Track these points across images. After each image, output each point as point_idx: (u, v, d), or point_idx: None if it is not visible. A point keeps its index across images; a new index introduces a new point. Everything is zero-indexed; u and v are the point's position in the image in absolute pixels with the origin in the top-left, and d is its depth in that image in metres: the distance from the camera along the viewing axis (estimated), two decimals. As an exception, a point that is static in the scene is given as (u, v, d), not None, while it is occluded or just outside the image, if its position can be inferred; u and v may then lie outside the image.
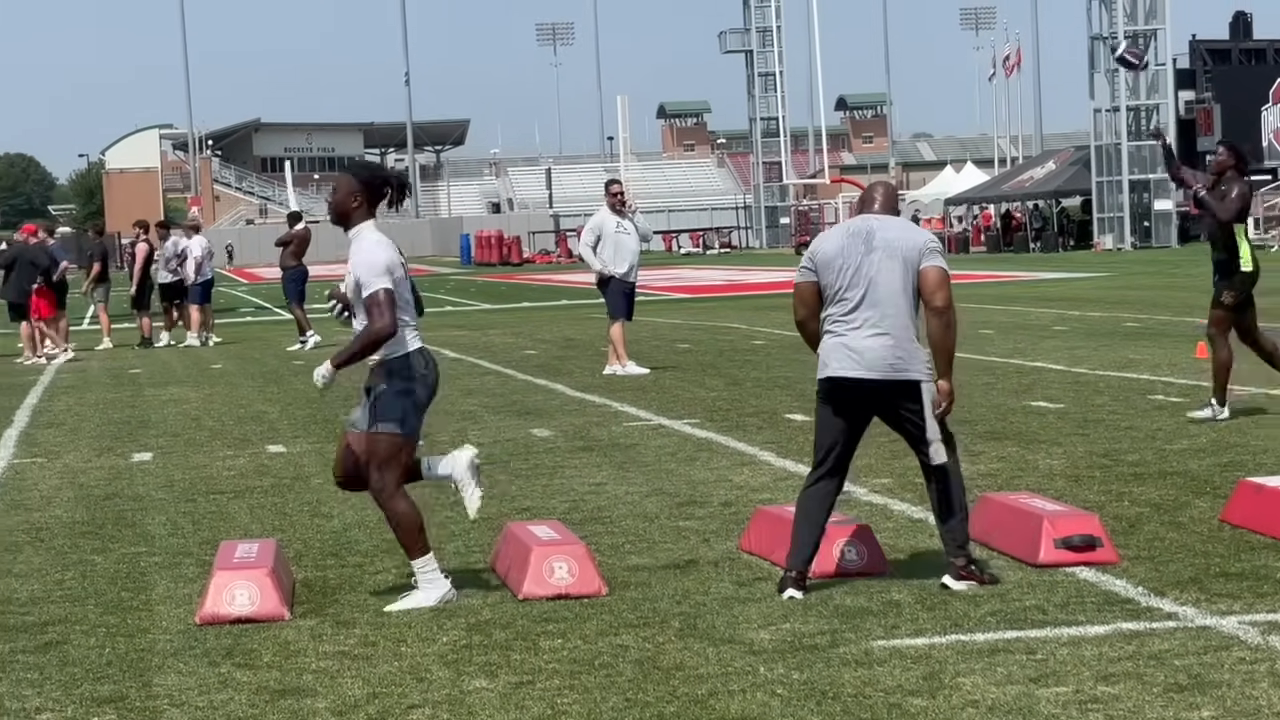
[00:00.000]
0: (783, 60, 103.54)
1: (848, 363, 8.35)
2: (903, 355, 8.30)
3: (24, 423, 17.92)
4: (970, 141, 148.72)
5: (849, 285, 8.37)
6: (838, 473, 8.53)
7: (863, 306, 8.34)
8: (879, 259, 8.32)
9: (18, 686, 7.21)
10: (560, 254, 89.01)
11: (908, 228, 8.54)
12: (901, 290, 8.31)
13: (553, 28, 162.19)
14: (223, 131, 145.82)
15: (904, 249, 8.33)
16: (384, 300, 8.45)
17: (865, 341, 8.31)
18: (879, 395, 8.35)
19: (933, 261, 8.32)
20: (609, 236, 20.26)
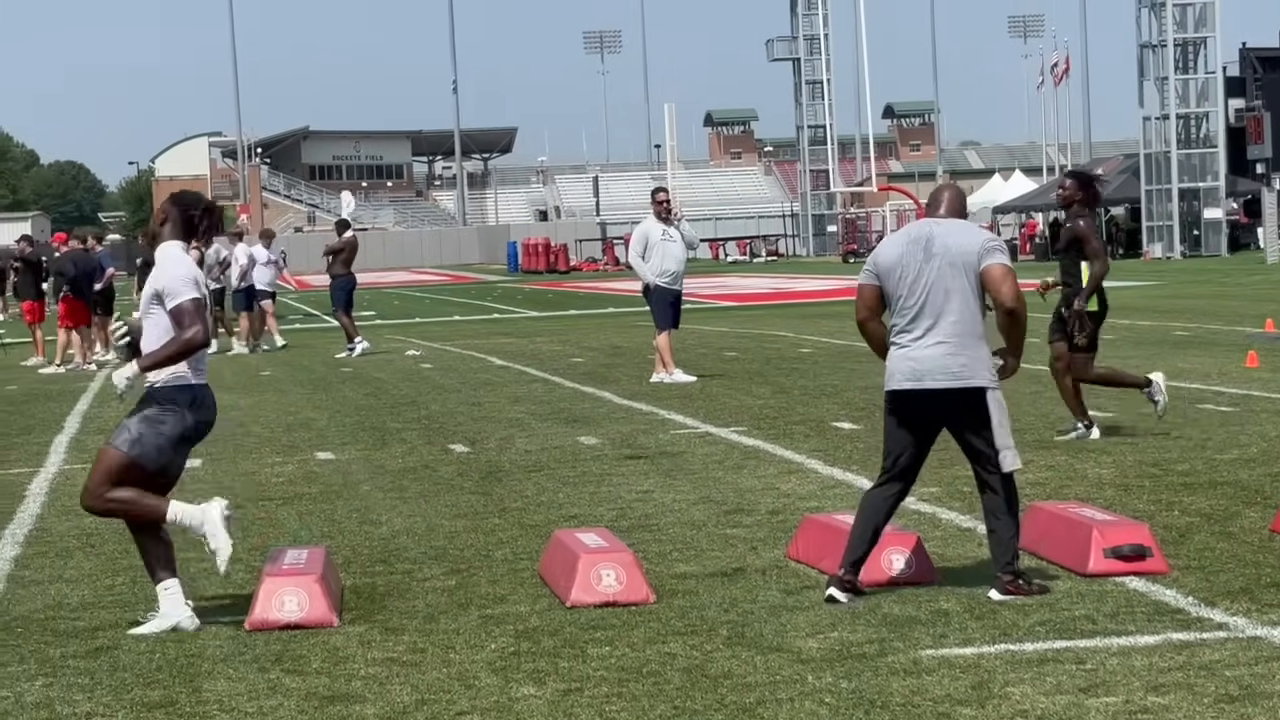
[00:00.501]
0: (830, 68, 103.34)
1: (912, 375, 8.36)
2: (966, 362, 8.29)
3: (75, 429, 18.01)
4: (1018, 149, 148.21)
5: (909, 293, 8.37)
6: (903, 479, 8.54)
7: (924, 315, 8.34)
8: (938, 265, 8.32)
9: (69, 691, 7.25)
10: (607, 262, 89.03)
11: (967, 230, 8.50)
12: (962, 295, 8.30)
13: (600, 36, 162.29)
14: (271, 139, 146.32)
15: (963, 253, 8.32)
16: (192, 309, 8.45)
17: (926, 351, 8.32)
18: (943, 403, 8.35)
19: (994, 259, 8.31)
20: (655, 244, 20.28)
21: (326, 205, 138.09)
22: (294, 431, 16.78)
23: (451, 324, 39.03)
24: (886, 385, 8.52)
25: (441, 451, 14.71)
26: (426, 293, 62.68)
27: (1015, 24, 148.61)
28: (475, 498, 12.13)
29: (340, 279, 28.53)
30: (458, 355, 27.04)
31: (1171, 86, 69.52)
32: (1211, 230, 70.09)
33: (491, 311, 45.26)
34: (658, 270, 20.26)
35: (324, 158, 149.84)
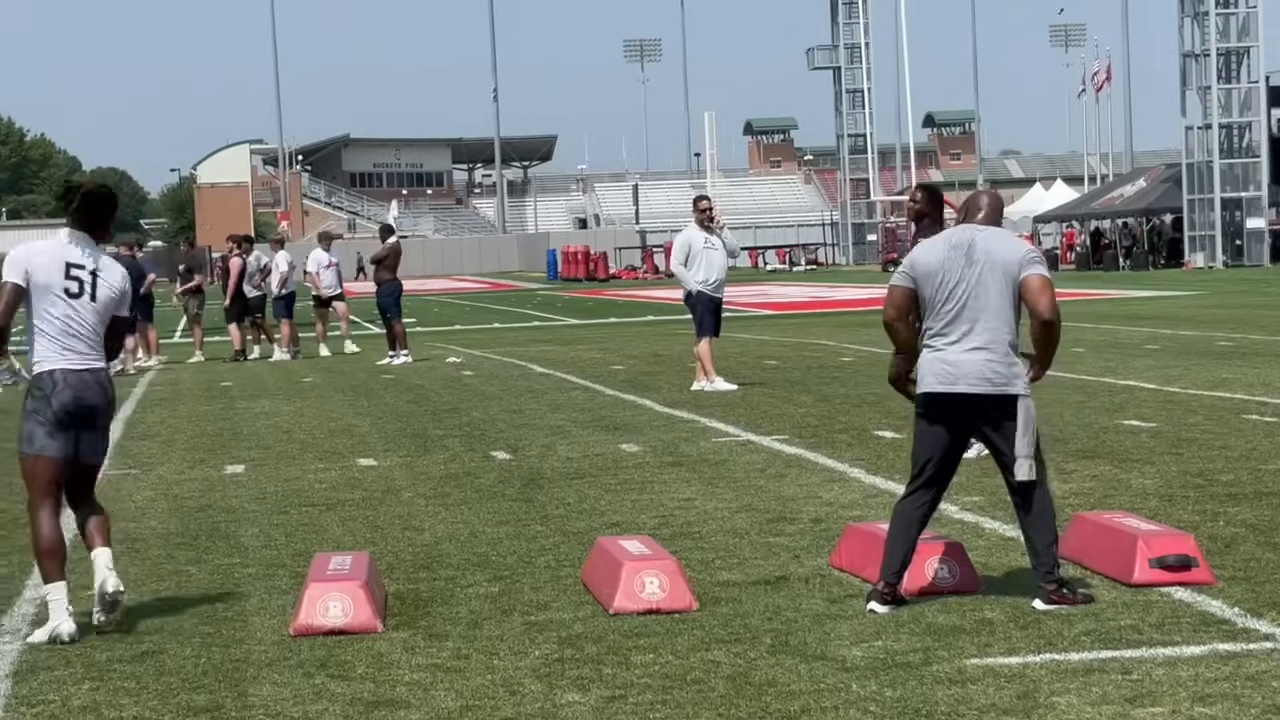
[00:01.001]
0: (871, 77, 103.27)
1: (946, 378, 8.36)
2: (1001, 370, 8.29)
3: (118, 434, 18.06)
4: (1059, 159, 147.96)
5: (948, 298, 8.37)
6: (934, 486, 8.53)
7: (961, 320, 8.35)
8: (979, 272, 8.32)
9: (115, 695, 7.28)
10: (646, 270, 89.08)
11: (1008, 239, 8.50)
12: (1001, 303, 8.31)
13: (640, 44, 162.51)
14: (312, 147, 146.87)
15: (1004, 261, 8.32)
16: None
17: (963, 355, 8.32)
18: (977, 409, 8.34)
19: (1033, 270, 8.31)
20: (698, 252, 20.29)
21: (367, 212, 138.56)
22: (336, 438, 16.82)
23: (491, 331, 39.09)
24: (919, 388, 8.52)
25: (483, 458, 14.74)
26: (466, 300, 62.80)
27: (1057, 33, 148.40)
28: (517, 505, 12.15)
29: (387, 284, 28.49)
30: (498, 362, 27.08)
31: (1214, 96, 69.26)
32: (1254, 240, 69.80)
33: (531, 319, 45.32)
34: (700, 278, 20.26)
35: (365, 165, 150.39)
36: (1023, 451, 8.30)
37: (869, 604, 8.34)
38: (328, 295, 30.91)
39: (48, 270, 8.58)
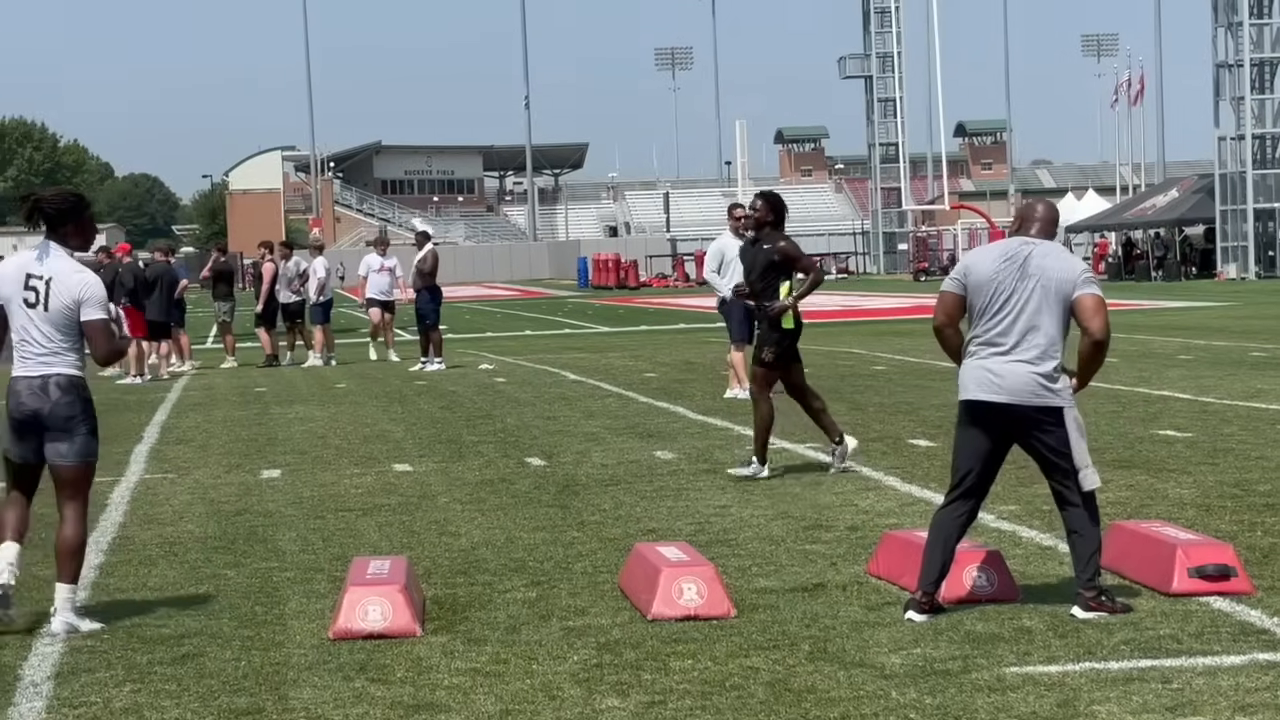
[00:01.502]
0: (902, 86, 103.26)
1: (989, 387, 8.36)
2: (1045, 382, 8.29)
3: (154, 439, 18.16)
4: (1091, 169, 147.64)
5: (999, 310, 8.37)
6: (973, 496, 8.53)
7: (1011, 332, 8.35)
8: (1032, 286, 8.33)
9: (157, 698, 7.32)
10: (677, 278, 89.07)
11: (1064, 256, 8.49)
12: (1051, 320, 8.31)
13: (672, 52, 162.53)
14: (344, 154, 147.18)
15: (1058, 279, 8.33)
16: None
17: (1008, 366, 8.32)
18: (1019, 421, 8.35)
19: (1088, 290, 8.31)
20: (731, 260, 20.28)
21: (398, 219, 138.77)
22: (371, 443, 16.86)
23: (523, 339, 39.14)
24: (960, 395, 8.52)
25: (518, 465, 14.77)
26: (498, 307, 62.88)
27: (1089, 43, 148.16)
28: (553, 511, 12.17)
29: (427, 291, 28.37)
30: (531, 369, 27.11)
31: (1248, 106, 69.04)
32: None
33: (563, 326, 45.35)
34: (732, 285, 20.23)
35: (396, 172, 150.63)
36: (1080, 461, 8.31)
37: (907, 613, 8.35)
38: (380, 299, 30.57)
39: (12, 282, 8.82)
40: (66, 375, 8.73)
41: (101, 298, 8.81)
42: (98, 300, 8.78)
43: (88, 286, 8.78)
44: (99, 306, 8.77)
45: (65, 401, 8.74)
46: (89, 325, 8.73)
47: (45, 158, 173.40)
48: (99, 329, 8.78)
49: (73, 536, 8.79)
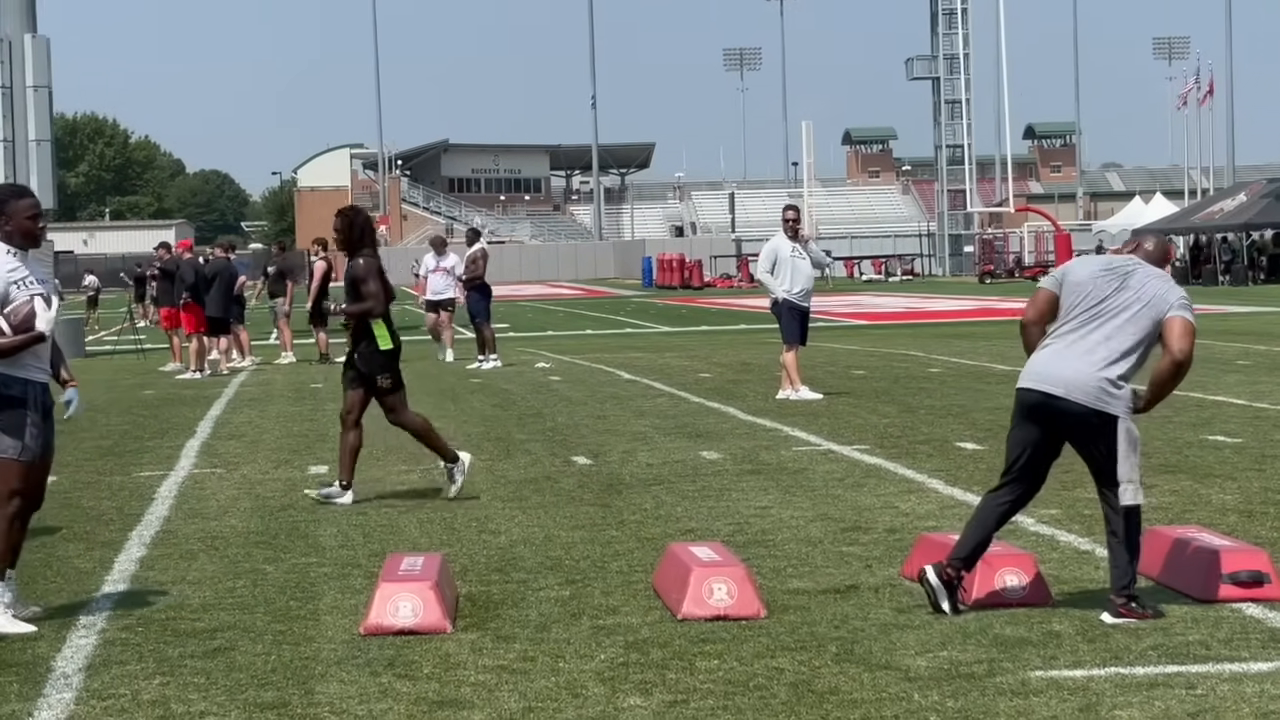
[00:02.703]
0: (970, 87, 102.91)
1: (1047, 378, 8.38)
2: (1108, 389, 8.27)
3: (206, 434, 18.28)
4: (1161, 172, 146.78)
5: (1085, 312, 8.41)
6: (1020, 485, 8.56)
7: (1092, 333, 8.37)
8: (1128, 299, 8.35)
9: (184, 690, 7.38)
10: (741, 278, 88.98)
11: (1166, 281, 8.46)
12: (1134, 334, 8.30)
13: (740, 53, 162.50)
14: (412, 152, 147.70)
15: (1157, 299, 8.35)
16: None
17: (1076, 363, 8.32)
18: (1070, 418, 8.33)
19: (1182, 313, 8.33)
20: (784, 261, 20.31)
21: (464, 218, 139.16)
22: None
23: (583, 338, 39.20)
24: (1023, 382, 8.51)
25: (564, 463, 14.80)
26: (561, 306, 62.99)
27: (1160, 45, 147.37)
28: (594, 509, 12.19)
29: (477, 289, 28.49)
30: (586, 368, 27.16)
31: (1317, 110, 68.49)
32: (1356, 256, 68.90)
33: (624, 326, 45.40)
34: (786, 287, 20.27)
35: (463, 171, 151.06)
36: (1125, 475, 8.28)
37: (926, 569, 8.40)
38: (435, 299, 30.45)
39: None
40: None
41: None
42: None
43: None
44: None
45: None
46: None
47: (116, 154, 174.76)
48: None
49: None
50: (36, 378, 8.70)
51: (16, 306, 8.67)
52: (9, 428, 8.60)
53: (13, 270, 8.72)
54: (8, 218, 8.79)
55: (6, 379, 8.60)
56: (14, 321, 8.64)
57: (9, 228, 8.79)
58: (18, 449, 8.61)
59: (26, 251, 8.84)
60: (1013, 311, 47.41)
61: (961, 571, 8.46)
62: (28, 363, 8.67)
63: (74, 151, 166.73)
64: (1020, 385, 8.56)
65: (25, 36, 36.41)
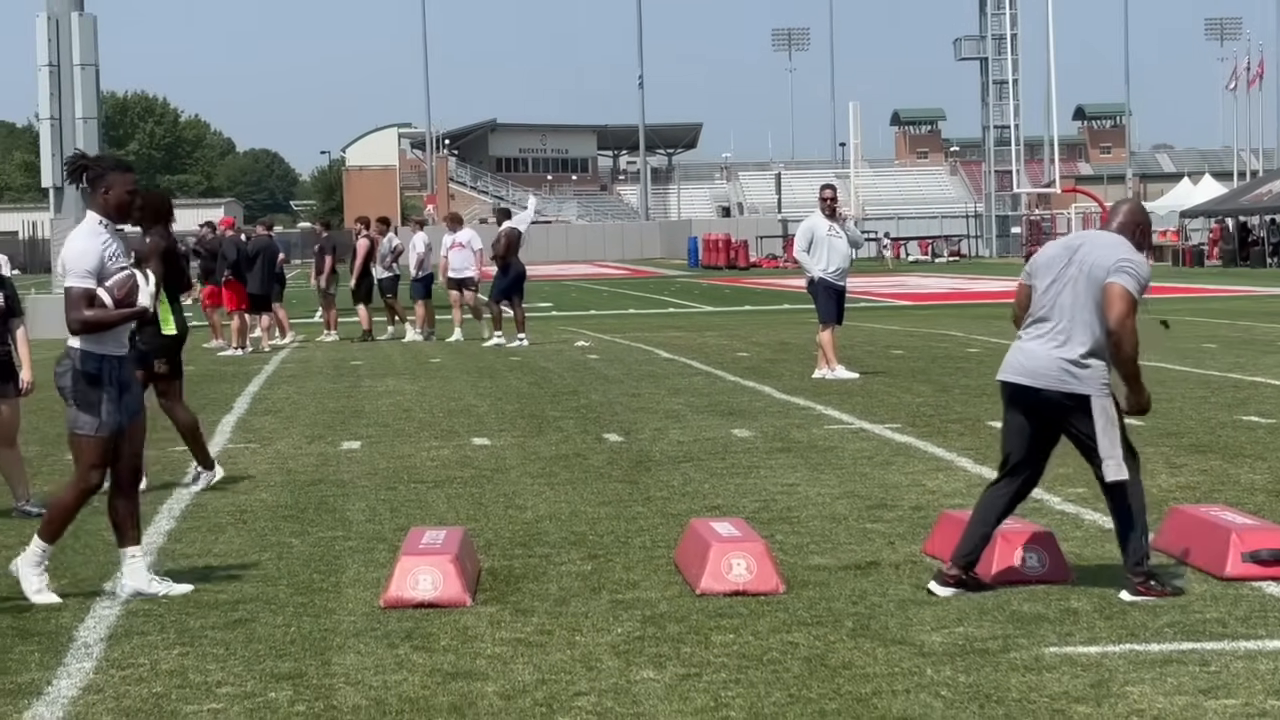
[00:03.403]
0: (1018, 68, 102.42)
1: (1018, 369, 8.42)
2: (1073, 369, 8.25)
3: (243, 409, 18.38)
4: (1212, 154, 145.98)
5: (1044, 294, 8.40)
6: (1017, 476, 8.53)
7: (1050, 318, 8.38)
8: (1073, 273, 8.32)
9: (203, 660, 7.44)
10: (787, 259, 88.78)
11: (1112, 245, 8.40)
12: (1086, 306, 8.26)
13: (788, 33, 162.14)
14: (459, 131, 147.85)
15: (1096, 266, 8.28)
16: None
17: (1039, 349, 8.35)
18: (1048, 405, 8.33)
19: (1114, 278, 8.23)
20: (821, 240, 20.29)
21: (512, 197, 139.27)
22: (454, 417, 16.98)
23: (625, 317, 39.20)
24: (1000, 375, 8.57)
25: (595, 440, 14.83)
26: (606, 285, 63.00)
27: (1212, 26, 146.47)
28: (622, 486, 12.22)
29: (501, 270, 28.26)
30: (625, 347, 27.18)
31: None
32: (1406, 238, 68.40)
33: (667, 305, 45.40)
34: (823, 266, 20.26)
35: (510, 150, 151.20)
36: (1105, 452, 8.25)
37: (930, 583, 8.40)
38: (455, 278, 30.27)
39: None
40: (66, 346, 8.79)
41: (81, 266, 8.67)
42: (76, 269, 8.69)
43: (71, 252, 8.75)
44: (77, 275, 8.68)
45: (58, 372, 8.80)
46: (65, 291, 8.74)
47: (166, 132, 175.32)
48: (67, 295, 8.70)
49: (56, 494, 8.91)
50: (114, 352, 8.77)
51: (119, 279, 8.74)
52: (86, 405, 8.70)
53: (106, 244, 8.79)
54: (107, 188, 8.85)
55: (85, 355, 8.69)
56: (117, 295, 8.72)
57: (106, 197, 8.83)
58: (94, 425, 8.70)
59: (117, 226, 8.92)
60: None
61: (967, 571, 8.43)
62: (106, 338, 8.74)
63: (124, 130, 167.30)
64: (998, 378, 8.61)
65: (72, 15, 36.58)
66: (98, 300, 8.64)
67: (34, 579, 8.74)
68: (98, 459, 8.74)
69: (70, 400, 8.72)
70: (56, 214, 36.95)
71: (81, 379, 8.67)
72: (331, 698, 6.82)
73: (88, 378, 8.67)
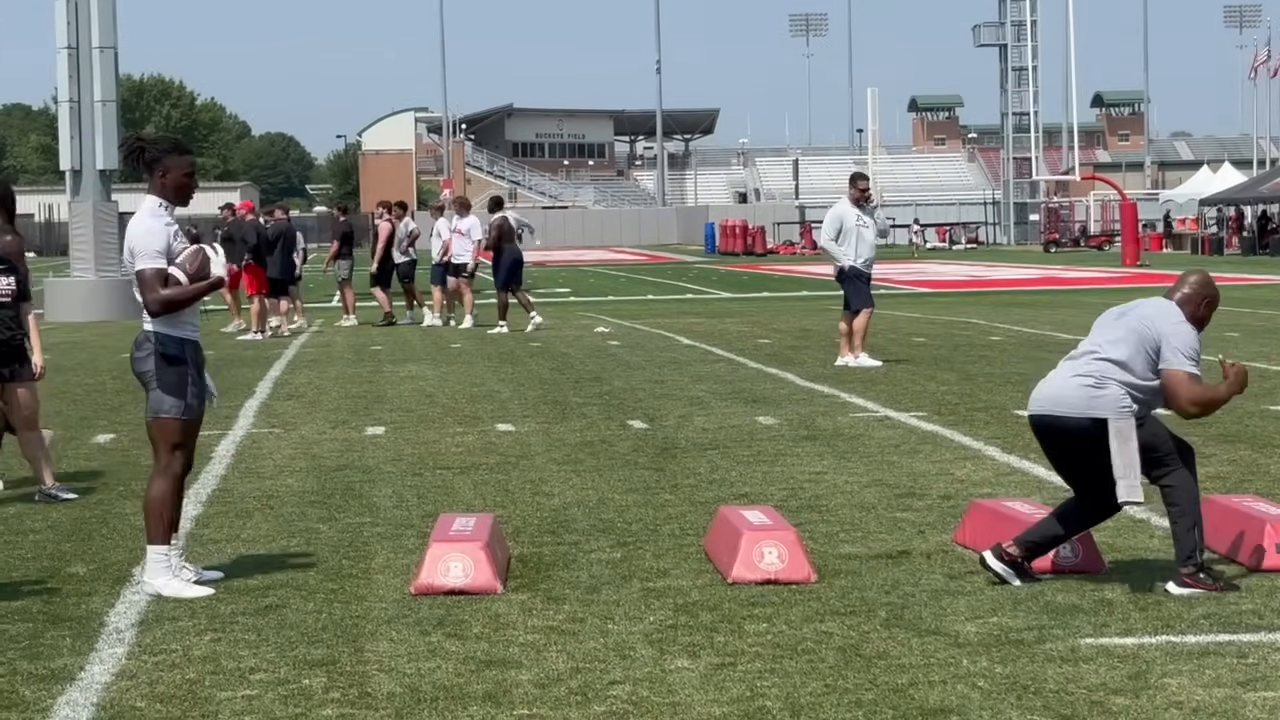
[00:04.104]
0: (1037, 55, 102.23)
1: (1041, 397, 8.51)
2: (1092, 390, 8.25)
3: (265, 394, 18.37)
4: (1230, 141, 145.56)
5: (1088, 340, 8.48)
6: (1083, 499, 8.50)
7: (1079, 353, 8.46)
8: (1122, 324, 8.31)
9: (235, 647, 7.42)
10: (805, 245, 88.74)
11: (1165, 312, 8.36)
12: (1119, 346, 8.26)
13: (806, 19, 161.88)
14: (476, 116, 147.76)
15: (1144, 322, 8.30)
16: None
17: (1060, 375, 8.45)
18: (1072, 433, 8.30)
19: (1174, 365, 8.24)
20: (850, 229, 20.22)
21: (528, 182, 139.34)
22: (477, 403, 16.96)
23: (644, 303, 39.17)
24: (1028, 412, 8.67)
25: (620, 427, 14.80)
26: (623, 271, 62.96)
27: (1231, 14, 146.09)
28: (649, 473, 12.19)
29: (503, 255, 28.20)
30: (646, 334, 27.15)
31: (1389, 79, 67.76)
32: None
33: (685, 291, 45.35)
34: (852, 255, 20.20)
35: (527, 135, 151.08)
36: (1120, 473, 8.19)
37: (986, 552, 8.41)
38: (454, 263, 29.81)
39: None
40: (144, 330, 8.76)
41: (150, 248, 8.61)
42: (146, 251, 8.62)
43: (137, 235, 8.67)
44: (148, 256, 8.61)
45: (139, 357, 8.77)
46: (138, 274, 8.69)
47: (182, 115, 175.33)
48: (141, 278, 8.64)
49: (146, 495, 8.81)
50: (191, 335, 8.75)
51: (189, 255, 8.71)
52: (170, 387, 8.66)
53: (168, 224, 8.76)
54: (165, 170, 8.78)
55: (165, 339, 8.66)
56: (190, 270, 8.69)
57: (165, 180, 8.79)
58: (180, 407, 8.69)
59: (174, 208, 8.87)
60: (1077, 281, 47.18)
61: (1027, 560, 8.38)
62: (185, 321, 8.72)
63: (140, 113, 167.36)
64: (1028, 413, 8.63)
65: (92, -2, 36.55)
66: (171, 279, 8.62)
67: (172, 583, 8.54)
68: (181, 440, 8.73)
69: (153, 384, 8.68)
70: (74, 197, 37.00)
71: (164, 362, 8.65)
72: (365, 685, 6.79)
73: (170, 360, 8.65)
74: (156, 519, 8.65)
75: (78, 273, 36.09)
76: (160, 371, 8.65)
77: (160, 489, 8.71)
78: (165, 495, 8.71)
